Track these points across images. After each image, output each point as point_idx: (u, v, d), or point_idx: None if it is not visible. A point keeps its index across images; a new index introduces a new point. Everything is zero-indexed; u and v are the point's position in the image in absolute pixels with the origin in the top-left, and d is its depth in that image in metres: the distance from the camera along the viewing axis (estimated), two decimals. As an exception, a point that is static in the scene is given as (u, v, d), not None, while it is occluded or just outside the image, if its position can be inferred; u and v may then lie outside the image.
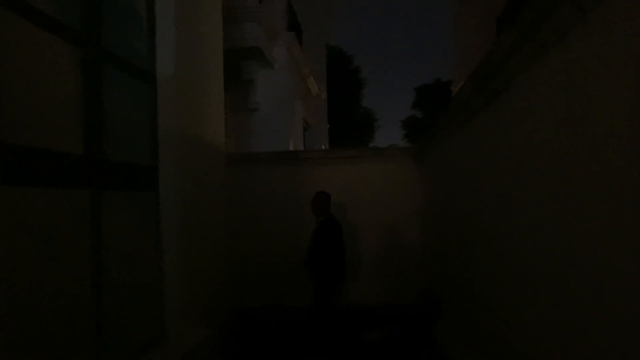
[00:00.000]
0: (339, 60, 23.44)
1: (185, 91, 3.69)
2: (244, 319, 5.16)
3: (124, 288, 2.83)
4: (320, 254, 4.01)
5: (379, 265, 5.64)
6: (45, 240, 2.14)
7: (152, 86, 3.28)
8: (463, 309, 3.62)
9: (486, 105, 2.44)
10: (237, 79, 8.14)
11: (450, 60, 14.40)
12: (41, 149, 2.10)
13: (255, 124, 8.39)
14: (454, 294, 3.92)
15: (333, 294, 4.09)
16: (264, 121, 8.32)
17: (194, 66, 3.93)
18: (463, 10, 11.60)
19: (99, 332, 2.48)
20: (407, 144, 26.32)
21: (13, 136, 1.93)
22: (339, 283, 4.12)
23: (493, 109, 2.37)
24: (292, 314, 5.28)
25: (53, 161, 2.18)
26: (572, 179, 1.64)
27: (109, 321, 2.58)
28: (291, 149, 8.40)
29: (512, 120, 2.21)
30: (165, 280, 3.30)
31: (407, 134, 29.37)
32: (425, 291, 4.93)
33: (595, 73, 1.43)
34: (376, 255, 5.66)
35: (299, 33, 10.21)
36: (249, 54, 7.73)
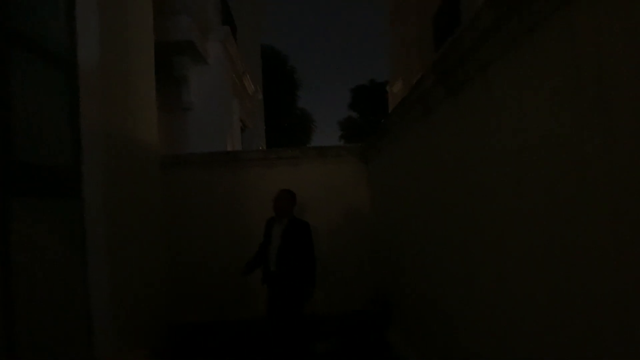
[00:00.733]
0: (274, 61, 23.15)
1: (112, 84, 3.30)
2: (185, 336, 4.76)
3: (42, 309, 2.43)
4: (294, 258, 3.73)
5: (328, 271, 5.44)
6: None
7: (73, 77, 2.87)
8: (416, 313, 3.57)
9: (447, 98, 2.35)
10: (169, 75, 7.63)
11: (385, 61, 14.66)
12: None
13: (189, 124, 7.90)
14: (407, 298, 3.87)
15: (306, 302, 3.81)
16: (199, 121, 7.85)
17: (122, 57, 3.53)
18: (397, 9, 11.75)
19: (11, 366, 2.08)
20: (345, 144, 26.60)
21: None
22: (311, 290, 3.83)
23: (457, 101, 2.28)
24: (238, 328, 4.96)
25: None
26: (521, 181, 1.70)
27: (23, 348, 2.18)
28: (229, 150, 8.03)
29: (475, 115, 2.13)
30: (93, 298, 2.89)
31: (344, 135, 29.69)
32: (378, 296, 4.83)
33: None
34: (325, 261, 5.45)
35: (233, 30, 9.83)
36: (181, 48, 7.26)
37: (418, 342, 3.48)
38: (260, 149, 13.36)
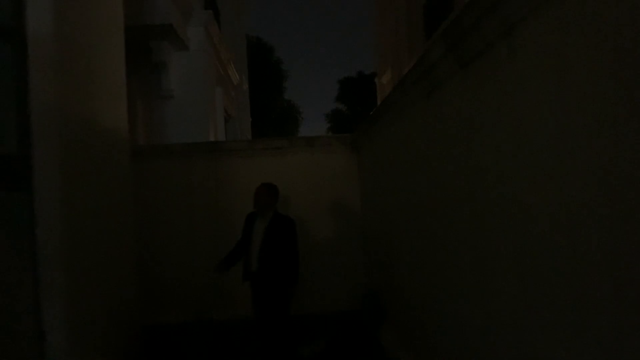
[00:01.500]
0: (260, 52, 22.65)
1: (71, 62, 2.89)
2: (158, 338, 4.39)
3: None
4: (277, 257, 3.42)
5: (316, 267, 5.07)
6: None
7: (20, 49, 2.46)
8: (409, 312, 3.26)
9: (458, 72, 2.00)
10: (148, 61, 7.17)
11: (373, 52, 14.29)
12: None
13: (169, 113, 7.44)
14: (400, 296, 3.55)
15: (290, 301, 3.53)
16: (179, 110, 7.39)
17: (84, 32, 3.12)
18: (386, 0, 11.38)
19: None
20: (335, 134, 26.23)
21: None
22: (294, 289, 3.53)
23: (470, 75, 1.94)
24: (217, 329, 4.61)
25: None
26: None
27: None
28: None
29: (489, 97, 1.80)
30: (45, 302, 2.51)
31: (332, 127, 29.30)
32: (369, 294, 4.50)
33: None
34: (314, 257, 5.08)
35: (216, 15, 9.37)
36: (159, 32, 6.79)
37: (413, 344, 3.17)
38: (246, 139, 12.92)
